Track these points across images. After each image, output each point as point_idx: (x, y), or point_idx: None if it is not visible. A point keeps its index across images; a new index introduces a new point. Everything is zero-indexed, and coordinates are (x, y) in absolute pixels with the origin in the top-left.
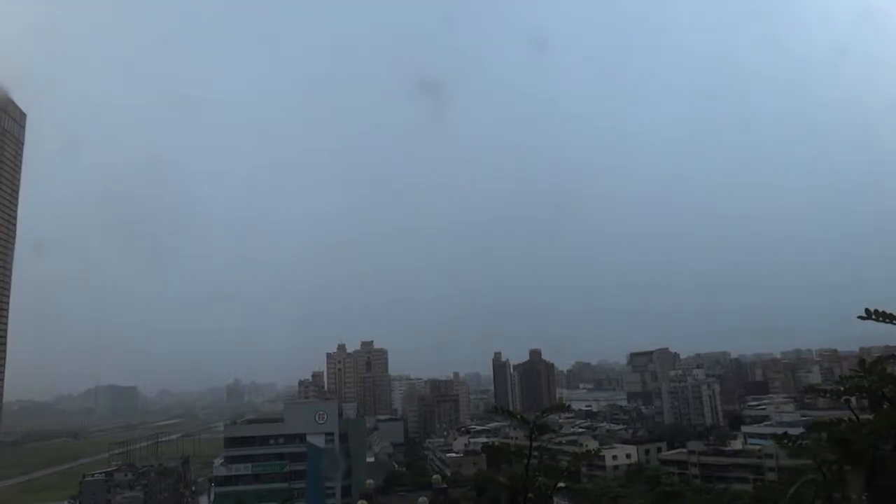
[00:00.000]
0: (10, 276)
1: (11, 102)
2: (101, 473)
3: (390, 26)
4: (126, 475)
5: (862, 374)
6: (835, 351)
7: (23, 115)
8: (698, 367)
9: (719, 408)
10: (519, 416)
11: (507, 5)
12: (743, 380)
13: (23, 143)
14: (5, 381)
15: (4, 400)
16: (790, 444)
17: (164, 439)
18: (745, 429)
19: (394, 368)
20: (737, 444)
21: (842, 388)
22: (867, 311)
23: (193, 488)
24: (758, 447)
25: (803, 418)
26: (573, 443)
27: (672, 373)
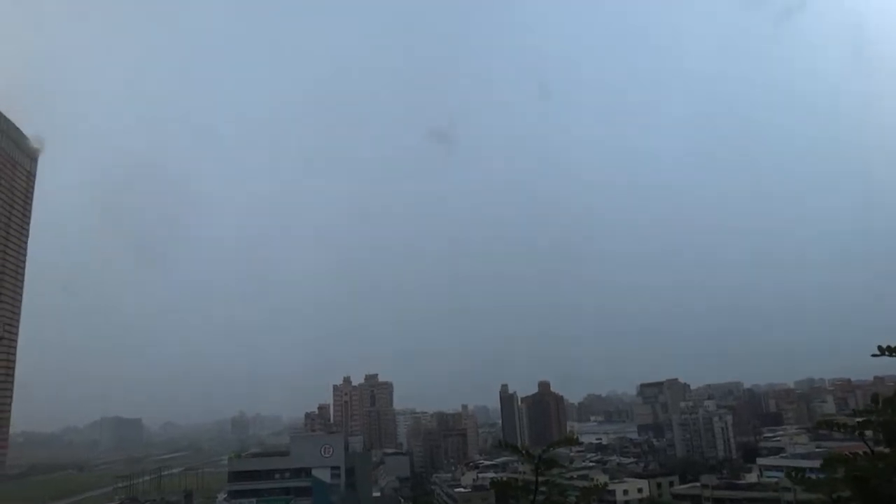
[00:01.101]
0: (20, 307)
1: (24, 136)
2: None
3: (399, 73)
4: None
5: (876, 409)
6: (849, 380)
7: (36, 150)
8: (709, 397)
9: (732, 439)
10: (524, 451)
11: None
12: (756, 410)
13: (34, 177)
14: (12, 412)
15: (11, 431)
16: (804, 479)
17: (167, 472)
18: (759, 461)
19: (399, 401)
20: (751, 478)
21: (857, 422)
22: (880, 348)
23: None
24: (773, 480)
25: (818, 450)
26: (583, 477)
27: (683, 404)
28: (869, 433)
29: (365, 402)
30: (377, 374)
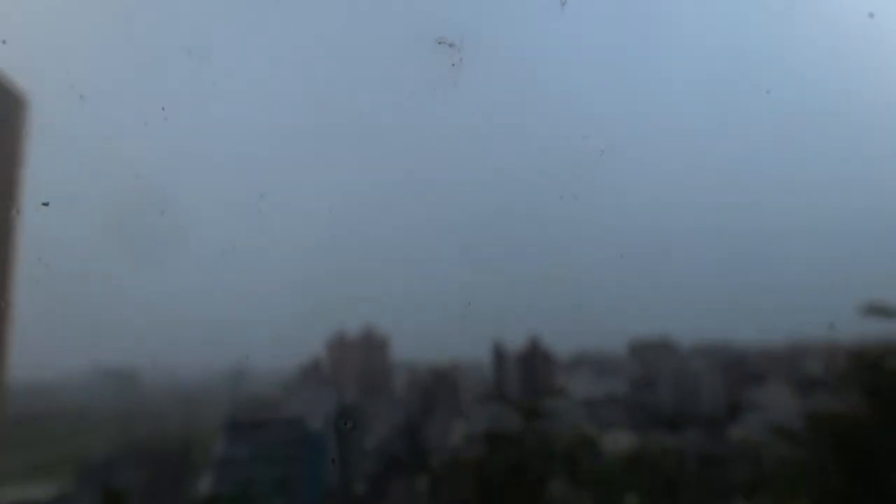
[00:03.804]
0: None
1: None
2: (100, 457)
3: None
4: (124, 459)
5: (862, 369)
6: (836, 341)
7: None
8: (699, 354)
9: (719, 397)
10: (515, 404)
11: None
12: (743, 369)
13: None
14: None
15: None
16: (789, 436)
17: (161, 424)
18: (744, 419)
19: (395, 353)
20: (737, 435)
21: (841, 382)
22: (869, 307)
23: (192, 473)
24: (757, 439)
25: (803, 410)
26: (571, 430)
27: (672, 360)
28: (854, 395)
29: (360, 354)
30: (372, 327)
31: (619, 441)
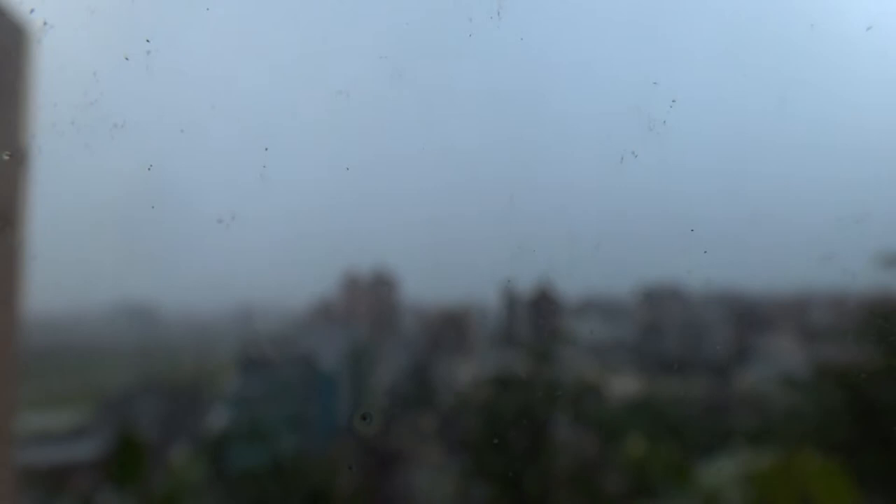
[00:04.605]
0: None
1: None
2: (117, 391)
3: None
4: (141, 393)
5: (876, 319)
6: (848, 288)
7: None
8: (707, 301)
9: (726, 345)
10: (523, 346)
11: None
12: (752, 316)
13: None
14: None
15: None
16: (797, 386)
17: (171, 359)
18: (752, 368)
19: (403, 292)
20: (744, 383)
21: (853, 333)
22: (889, 258)
23: (205, 408)
24: (764, 390)
25: (812, 360)
26: (576, 374)
27: (678, 307)
28: (866, 346)
29: (369, 294)
30: (382, 264)
31: (625, 385)
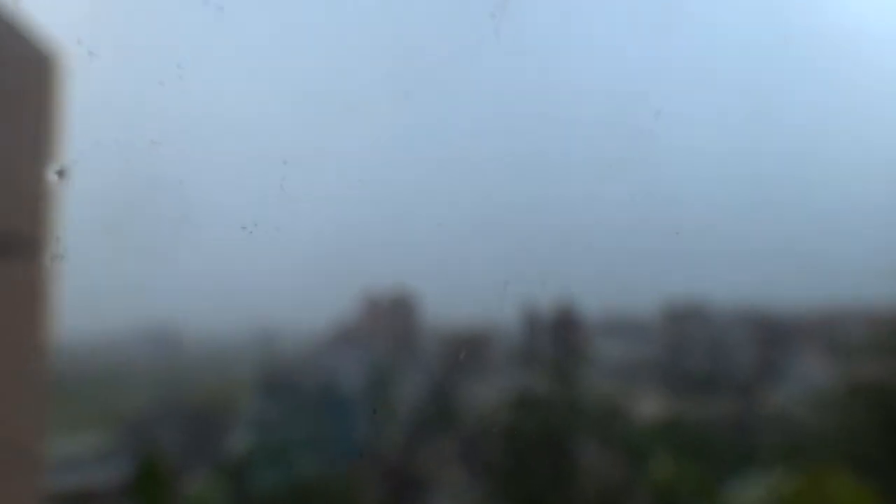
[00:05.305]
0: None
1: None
2: (141, 415)
3: None
4: (164, 417)
5: None
6: (881, 306)
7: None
8: (733, 319)
9: (754, 363)
10: (546, 366)
11: None
12: (781, 334)
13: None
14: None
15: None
16: (826, 406)
17: (193, 383)
18: (781, 387)
19: (423, 311)
20: (773, 403)
21: (884, 350)
22: None
23: (225, 431)
24: (793, 409)
25: (844, 379)
26: (601, 395)
27: (705, 324)
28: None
29: (389, 315)
30: (401, 284)
31: (651, 406)
